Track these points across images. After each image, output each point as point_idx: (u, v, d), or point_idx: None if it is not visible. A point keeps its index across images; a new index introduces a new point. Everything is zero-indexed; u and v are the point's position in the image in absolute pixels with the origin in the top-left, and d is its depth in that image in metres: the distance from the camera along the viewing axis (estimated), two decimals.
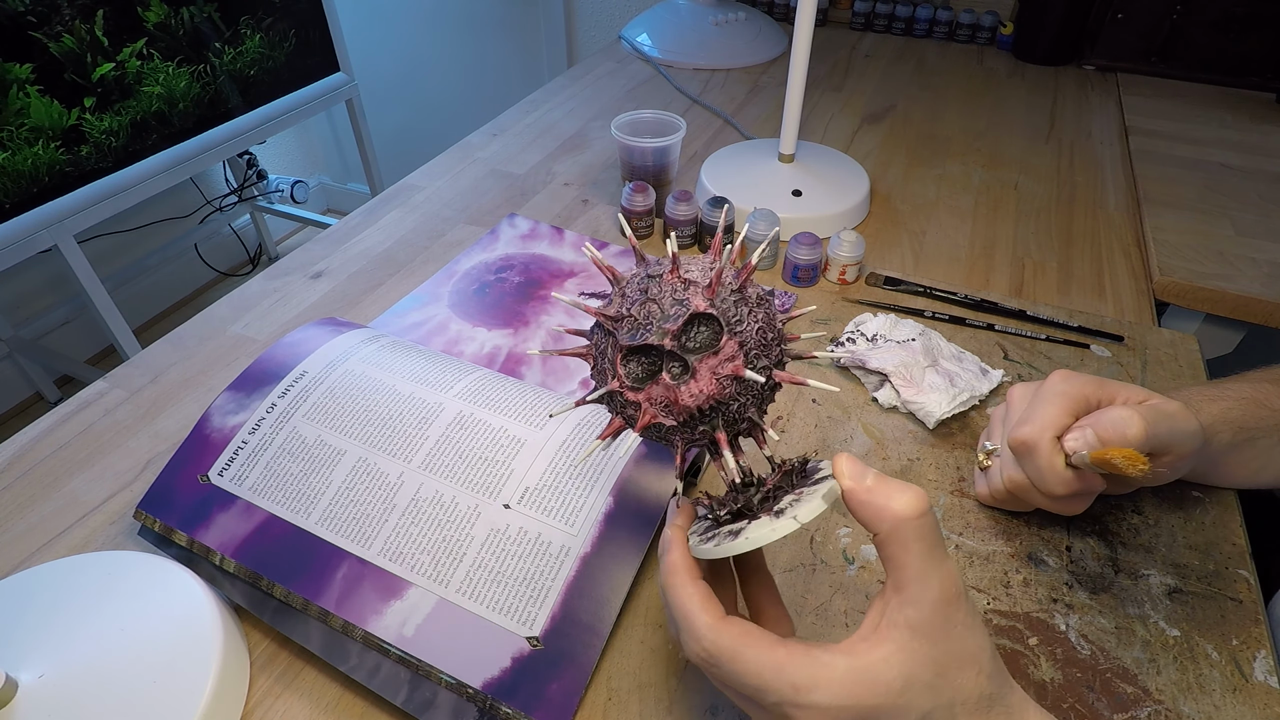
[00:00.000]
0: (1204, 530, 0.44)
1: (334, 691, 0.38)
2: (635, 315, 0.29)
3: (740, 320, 0.29)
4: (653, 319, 0.29)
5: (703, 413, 0.29)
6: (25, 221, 1.16)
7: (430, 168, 0.85)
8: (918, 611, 0.26)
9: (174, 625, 0.37)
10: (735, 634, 0.27)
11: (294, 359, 0.47)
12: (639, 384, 0.29)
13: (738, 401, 0.29)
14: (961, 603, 0.27)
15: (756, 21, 1.18)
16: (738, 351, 0.29)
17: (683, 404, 0.29)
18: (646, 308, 0.29)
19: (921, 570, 0.26)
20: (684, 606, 0.29)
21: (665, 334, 0.28)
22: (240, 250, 2.17)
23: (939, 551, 0.27)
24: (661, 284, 0.29)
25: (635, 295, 0.30)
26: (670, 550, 0.31)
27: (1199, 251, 0.68)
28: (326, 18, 1.56)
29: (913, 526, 0.26)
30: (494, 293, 0.64)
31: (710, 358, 0.28)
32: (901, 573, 0.27)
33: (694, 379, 0.29)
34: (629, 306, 0.30)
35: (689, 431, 0.30)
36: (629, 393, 0.29)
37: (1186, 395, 0.42)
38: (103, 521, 0.46)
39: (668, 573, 0.30)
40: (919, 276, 0.66)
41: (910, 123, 0.95)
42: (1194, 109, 0.97)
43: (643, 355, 0.29)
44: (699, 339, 0.29)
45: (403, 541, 0.39)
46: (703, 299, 0.28)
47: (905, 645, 0.26)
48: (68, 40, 1.14)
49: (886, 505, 0.27)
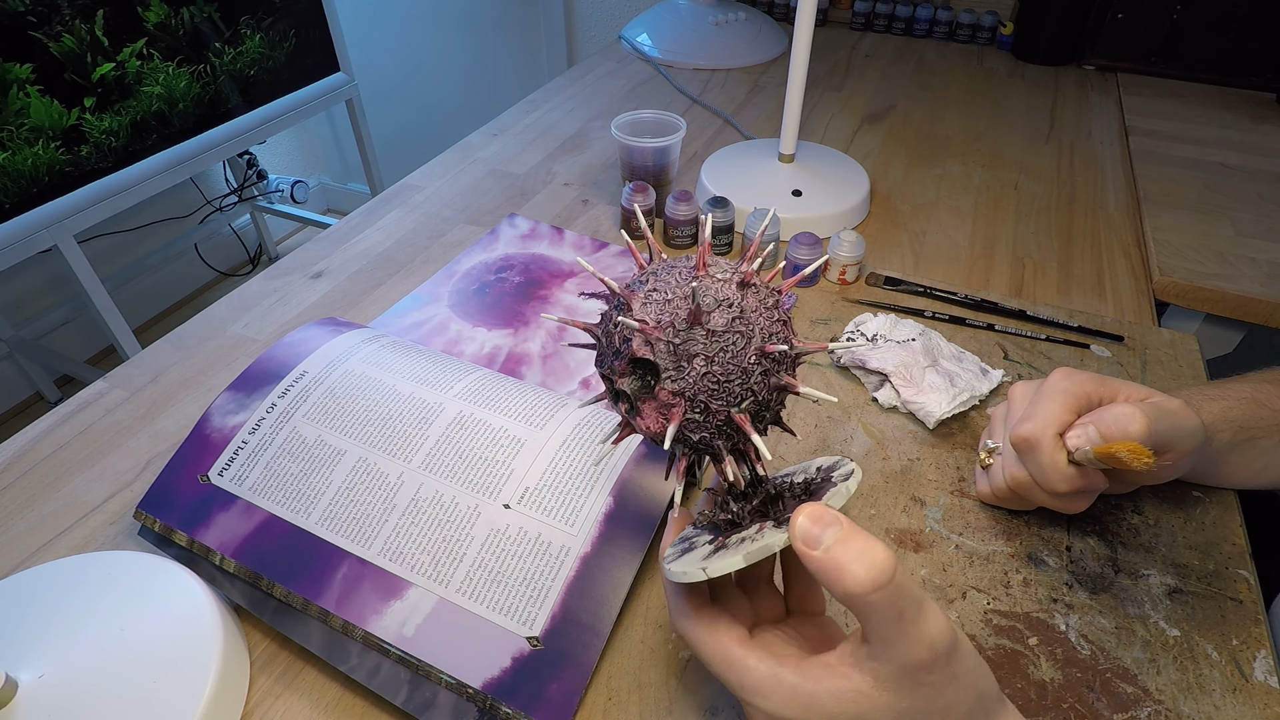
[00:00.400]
0: (1204, 530, 0.44)
1: (334, 691, 0.38)
2: (603, 342, 0.29)
3: (685, 364, 0.27)
4: (609, 352, 0.29)
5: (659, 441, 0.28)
6: (25, 221, 1.16)
7: (430, 168, 0.85)
8: (881, 667, 0.25)
9: (174, 625, 0.37)
10: (700, 629, 0.30)
11: (294, 359, 0.47)
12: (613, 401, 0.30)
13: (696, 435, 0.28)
14: (936, 665, 0.25)
15: (756, 21, 1.18)
16: (675, 399, 0.27)
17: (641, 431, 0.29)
18: (609, 339, 0.29)
19: (882, 636, 0.25)
20: (670, 594, 0.32)
21: (614, 371, 0.28)
22: (240, 250, 2.17)
23: (904, 619, 0.24)
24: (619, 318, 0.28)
25: (605, 323, 0.30)
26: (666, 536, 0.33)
27: (1199, 251, 0.68)
28: (326, 18, 1.56)
29: (865, 603, 0.24)
30: (494, 293, 0.64)
31: (652, 400, 0.28)
32: (864, 631, 0.26)
33: (640, 417, 0.28)
34: (602, 330, 0.30)
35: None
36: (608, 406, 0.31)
37: (1187, 395, 0.42)
38: (103, 521, 0.46)
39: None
40: (919, 276, 0.66)
41: (910, 123, 0.95)
42: (1194, 109, 0.97)
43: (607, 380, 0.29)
44: (641, 381, 0.28)
45: (403, 541, 0.39)
46: (640, 342, 0.27)
47: (864, 693, 0.26)
48: (68, 40, 1.14)
49: (839, 575, 0.24)
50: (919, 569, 0.42)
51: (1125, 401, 0.39)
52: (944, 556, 0.43)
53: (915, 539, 0.44)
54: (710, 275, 0.29)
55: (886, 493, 0.47)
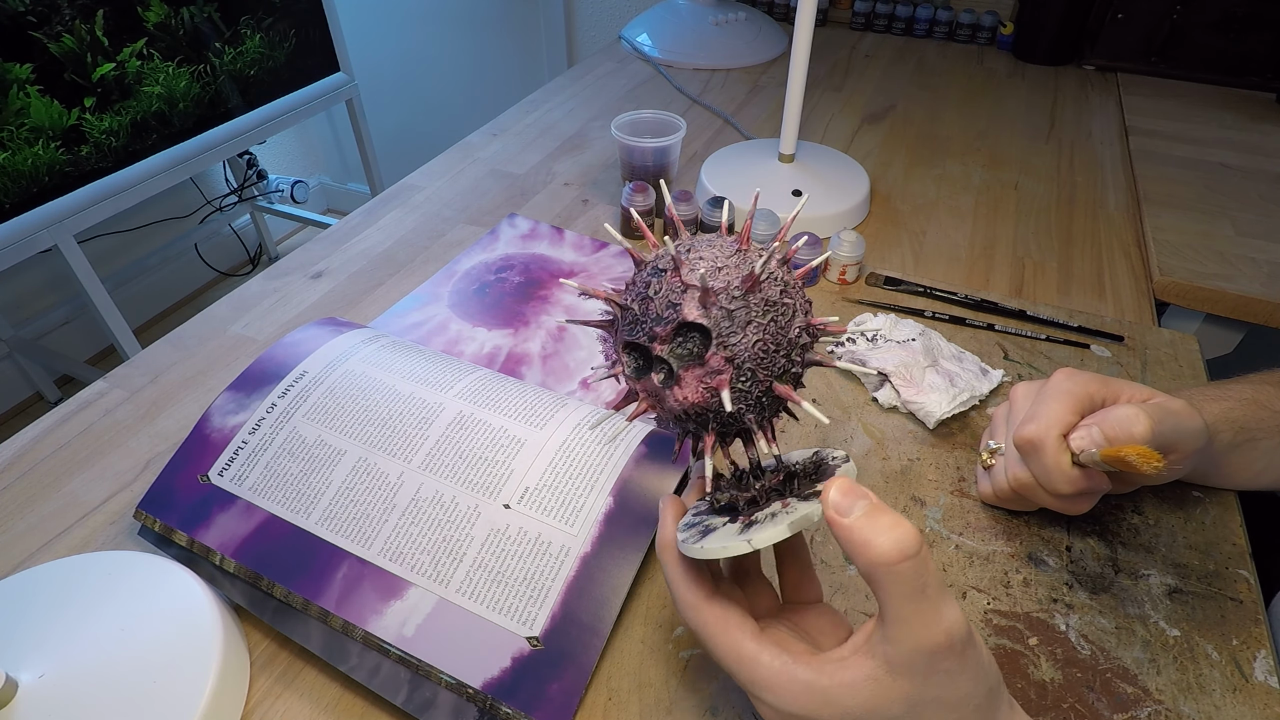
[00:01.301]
0: (1204, 530, 0.44)
1: (334, 691, 0.38)
2: (635, 310, 0.28)
3: (736, 331, 0.27)
4: (647, 318, 0.28)
5: (689, 416, 0.28)
6: (25, 221, 1.16)
7: (430, 168, 0.85)
8: (897, 651, 0.25)
9: (174, 625, 0.37)
10: (711, 619, 0.29)
11: (294, 359, 0.47)
12: (636, 375, 0.29)
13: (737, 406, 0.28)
14: (952, 652, 0.25)
15: (756, 21, 1.18)
16: (725, 366, 0.27)
17: (668, 406, 0.28)
18: (645, 304, 0.28)
19: (902, 614, 0.25)
20: (671, 581, 0.31)
21: (655, 338, 0.28)
22: (240, 250, 2.17)
23: (926, 597, 0.25)
24: (663, 282, 0.28)
25: (640, 288, 0.29)
26: (661, 527, 0.32)
27: (1199, 251, 0.68)
28: (326, 18, 1.56)
29: (890, 572, 0.24)
30: (494, 293, 0.64)
31: (696, 368, 0.27)
32: (883, 609, 0.26)
33: (679, 386, 0.28)
34: (633, 298, 0.29)
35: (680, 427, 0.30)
36: (628, 380, 0.29)
37: (1188, 395, 0.42)
38: (103, 521, 0.46)
39: (659, 547, 0.32)
40: (919, 276, 0.66)
41: (910, 123, 0.95)
42: (1194, 109, 0.97)
43: (637, 351, 0.29)
44: (687, 347, 0.28)
45: (403, 541, 0.39)
46: (695, 307, 0.27)
47: (878, 679, 0.26)
48: (68, 40, 1.14)
49: (866, 544, 0.25)
50: None
51: (1128, 402, 0.39)
52: (944, 556, 0.43)
53: None
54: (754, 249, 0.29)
55: (886, 493, 0.47)
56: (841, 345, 0.56)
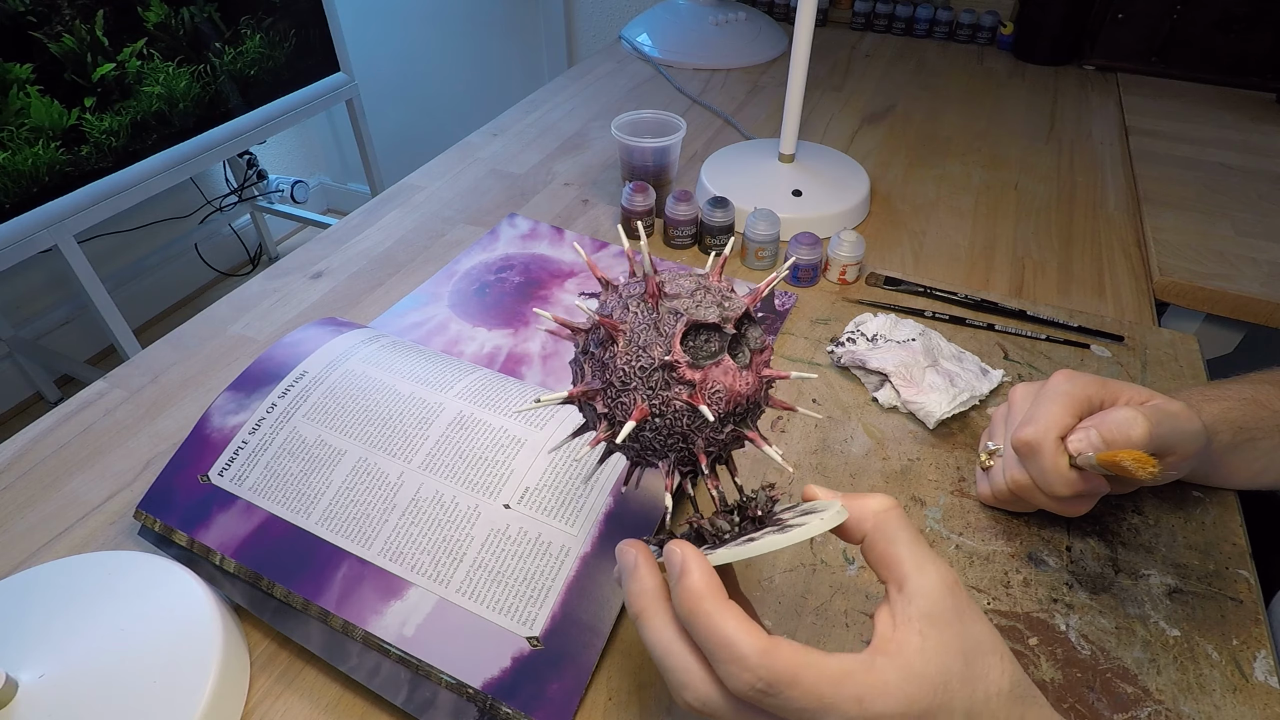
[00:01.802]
0: (1204, 530, 0.44)
1: (334, 691, 0.38)
2: (692, 295, 0.29)
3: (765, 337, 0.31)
4: (712, 305, 0.29)
5: (744, 407, 0.29)
6: (25, 221, 1.16)
7: (430, 168, 0.85)
8: (927, 601, 0.26)
9: (174, 625, 0.37)
10: (789, 655, 0.25)
11: (294, 359, 0.47)
12: (696, 364, 0.28)
13: (760, 409, 0.30)
14: (962, 590, 0.27)
15: (756, 21, 1.18)
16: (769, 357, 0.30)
17: (736, 391, 0.28)
18: (704, 295, 0.29)
19: (915, 559, 0.27)
20: (724, 634, 0.25)
21: (728, 320, 0.28)
22: (240, 250, 2.17)
23: (924, 541, 0.28)
24: (706, 282, 0.30)
25: (686, 285, 0.29)
26: (690, 572, 0.26)
27: (1199, 251, 0.68)
28: (326, 18, 1.56)
29: (893, 517, 0.28)
30: (494, 293, 0.64)
31: (759, 355, 0.30)
32: (898, 568, 0.27)
33: (750, 369, 0.29)
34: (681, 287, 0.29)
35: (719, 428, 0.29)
36: (687, 369, 0.28)
37: (1186, 396, 0.42)
38: (103, 521, 0.46)
39: (695, 598, 0.26)
40: (919, 276, 0.66)
41: (910, 123, 0.95)
42: (1194, 109, 0.97)
43: (702, 335, 0.28)
44: (751, 336, 0.30)
45: (403, 541, 0.39)
46: (748, 303, 0.30)
47: (929, 636, 0.25)
48: (68, 40, 1.14)
49: (864, 507, 0.28)
50: None
51: (1127, 404, 0.39)
52: (944, 556, 0.43)
53: None
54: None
55: (886, 492, 0.47)
56: (842, 345, 0.56)
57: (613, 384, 0.29)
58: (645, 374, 0.28)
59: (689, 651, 0.27)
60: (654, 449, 0.29)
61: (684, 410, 0.28)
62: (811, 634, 0.39)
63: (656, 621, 0.27)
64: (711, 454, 0.30)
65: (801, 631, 0.39)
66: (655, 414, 0.28)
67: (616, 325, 0.29)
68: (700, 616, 0.25)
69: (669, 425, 0.28)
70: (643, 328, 0.28)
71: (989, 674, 0.26)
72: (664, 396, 0.28)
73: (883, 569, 0.28)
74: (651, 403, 0.28)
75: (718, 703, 0.26)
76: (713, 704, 0.26)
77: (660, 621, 0.27)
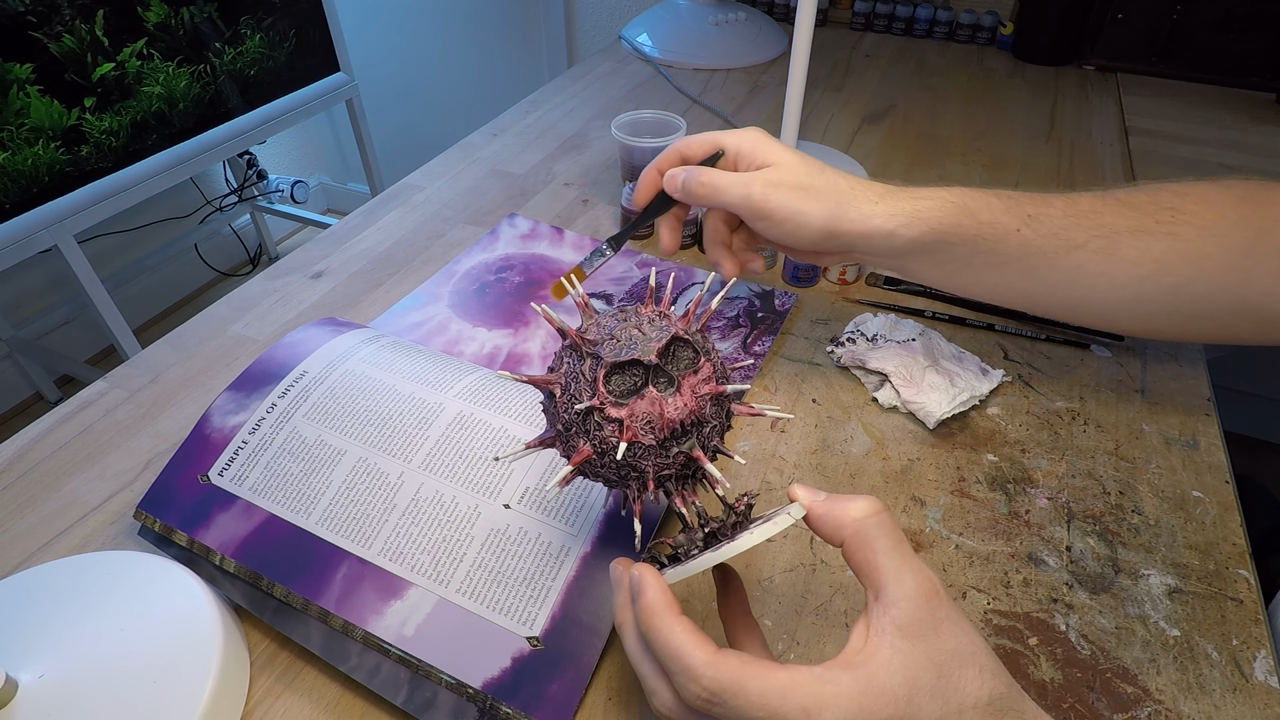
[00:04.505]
0: (1204, 530, 0.44)
1: (334, 691, 0.38)
2: (618, 337, 0.31)
3: (709, 350, 0.32)
4: (636, 340, 0.31)
5: (683, 428, 0.30)
6: (25, 221, 1.16)
7: (430, 168, 0.85)
8: (901, 610, 0.26)
9: (174, 625, 0.37)
10: (735, 666, 0.26)
11: (294, 359, 0.47)
12: (622, 400, 0.30)
13: (710, 424, 0.31)
14: (943, 599, 0.27)
15: (756, 21, 1.18)
16: (713, 374, 0.31)
17: (668, 417, 0.30)
18: (628, 332, 0.31)
19: (893, 567, 0.27)
20: (673, 646, 0.27)
21: (651, 352, 0.30)
22: (240, 250, 2.17)
23: (906, 549, 0.27)
24: (639, 314, 0.32)
25: (612, 324, 0.32)
26: (645, 591, 0.28)
27: None
28: (326, 18, 1.56)
29: (873, 524, 0.27)
30: (494, 293, 0.64)
31: (691, 376, 0.31)
32: (875, 575, 0.27)
33: (678, 393, 0.30)
34: (608, 332, 0.31)
35: (664, 454, 0.30)
36: (611, 409, 0.30)
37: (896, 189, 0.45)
38: (103, 521, 0.46)
39: (649, 614, 0.28)
40: None
41: (910, 123, 0.95)
42: (1194, 109, 0.97)
43: (626, 372, 0.30)
44: (681, 360, 0.31)
45: (403, 541, 0.39)
46: (679, 326, 0.31)
47: (899, 648, 0.25)
48: (68, 40, 1.14)
49: (845, 512, 0.28)
50: None
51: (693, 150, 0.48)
52: (944, 556, 0.43)
53: (915, 539, 0.44)
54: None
55: (886, 493, 0.47)
56: (841, 345, 0.56)
57: (561, 431, 0.32)
58: (580, 418, 0.31)
59: (653, 663, 0.28)
60: (613, 479, 0.32)
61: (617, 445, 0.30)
62: (811, 634, 0.39)
63: (631, 635, 0.30)
64: (666, 477, 0.31)
65: (802, 631, 0.39)
66: (598, 452, 0.31)
67: (551, 381, 0.32)
68: (653, 631, 0.27)
69: (614, 460, 0.30)
70: (573, 378, 0.31)
71: (965, 686, 0.25)
72: (599, 436, 0.30)
73: (862, 576, 0.28)
74: (592, 443, 0.31)
75: (679, 712, 0.28)
76: (676, 713, 0.28)
77: (634, 634, 0.29)
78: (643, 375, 0.30)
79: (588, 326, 0.32)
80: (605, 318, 0.32)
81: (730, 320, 0.60)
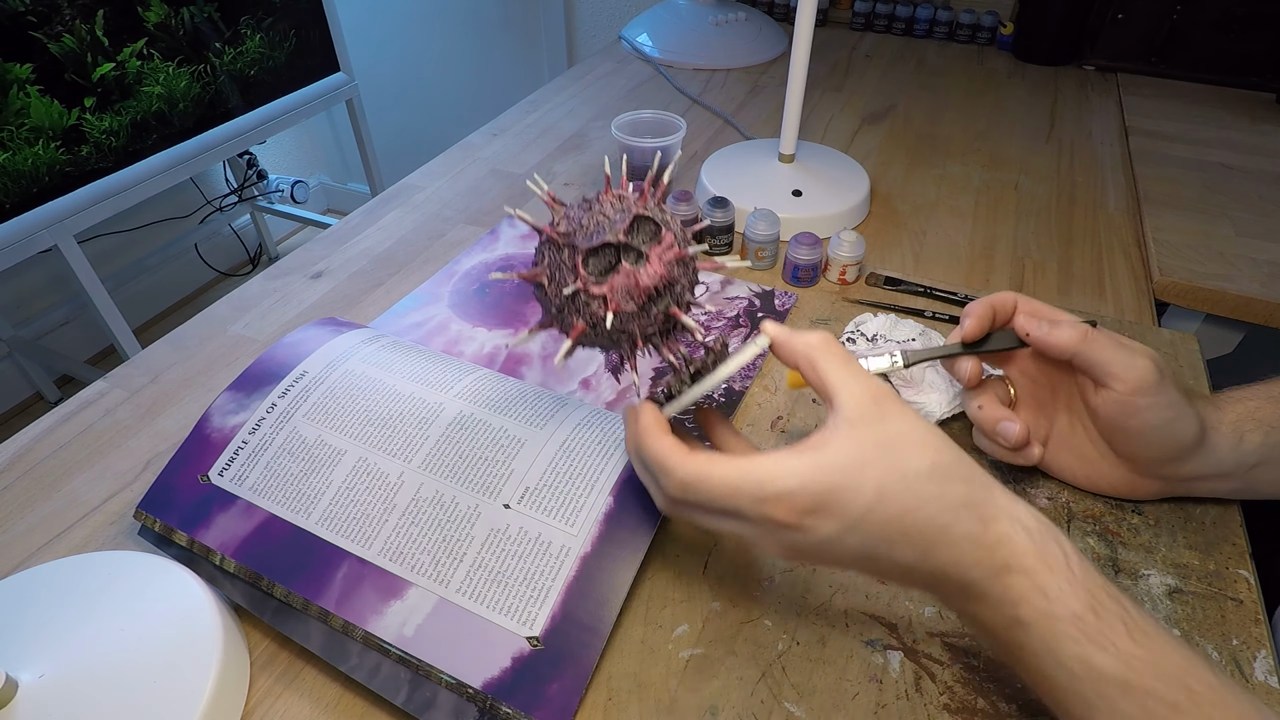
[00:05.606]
0: (1204, 530, 0.44)
1: (334, 691, 0.38)
2: (586, 226, 0.35)
3: (668, 221, 0.36)
4: (603, 226, 0.35)
5: (658, 292, 0.35)
6: (25, 221, 1.16)
7: (430, 168, 0.85)
8: (850, 409, 0.30)
9: (174, 625, 0.37)
10: (703, 459, 0.31)
11: (294, 359, 0.47)
12: (601, 278, 0.35)
13: (680, 283, 0.36)
14: (891, 399, 0.31)
15: (756, 21, 1.18)
16: (674, 241, 0.36)
17: (643, 285, 0.35)
18: (595, 219, 0.35)
19: (841, 378, 0.31)
20: (658, 453, 0.33)
21: (619, 233, 0.35)
22: (240, 250, 2.17)
23: (854, 364, 0.32)
24: (601, 202, 0.36)
25: (579, 214, 0.36)
26: (641, 416, 0.35)
27: (1199, 251, 0.68)
28: (326, 18, 1.56)
29: (823, 345, 0.33)
30: (494, 293, 0.64)
31: (656, 246, 0.35)
32: (828, 387, 0.32)
33: (648, 263, 0.35)
34: (577, 223, 0.36)
35: (646, 316, 0.35)
36: (594, 288, 0.35)
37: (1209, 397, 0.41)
38: (103, 521, 0.46)
39: (642, 434, 0.34)
40: (919, 276, 0.66)
41: (910, 123, 0.95)
42: (1194, 109, 0.97)
43: (600, 254, 0.35)
44: (644, 235, 0.36)
45: (403, 541, 0.39)
46: (639, 206, 0.36)
47: (848, 435, 0.30)
48: (68, 40, 1.14)
49: (802, 339, 0.34)
50: None
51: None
52: None
53: None
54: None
55: None
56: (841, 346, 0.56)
57: (555, 314, 0.37)
58: (570, 300, 0.35)
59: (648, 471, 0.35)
60: (608, 345, 0.37)
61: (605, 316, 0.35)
62: (812, 633, 0.39)
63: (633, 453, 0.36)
64: (651, 334, 0.37)
65: (802, 631, 0.39)
66: (590, 325, 0.36)
67: (538, 274, 0.36)
68: (644, 446, 0.34)
69: (605, 329, 0.35)
70: (556, 267, 0.36)
71: (908, 457, 0.29)
72: (589, 312, 0.35)
73: (819, 392, 0.33)
74: (583, 319, 0.36)
75: (669, 507, 0.34)
76: (668, 508, 0.35)
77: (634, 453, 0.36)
78: (615, 254, 0.35)
79: (559, 220, 0.36)
80: (573, 210, 0.36)
81: (730, 320, 0.60)
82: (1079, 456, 0.44)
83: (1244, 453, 0.40)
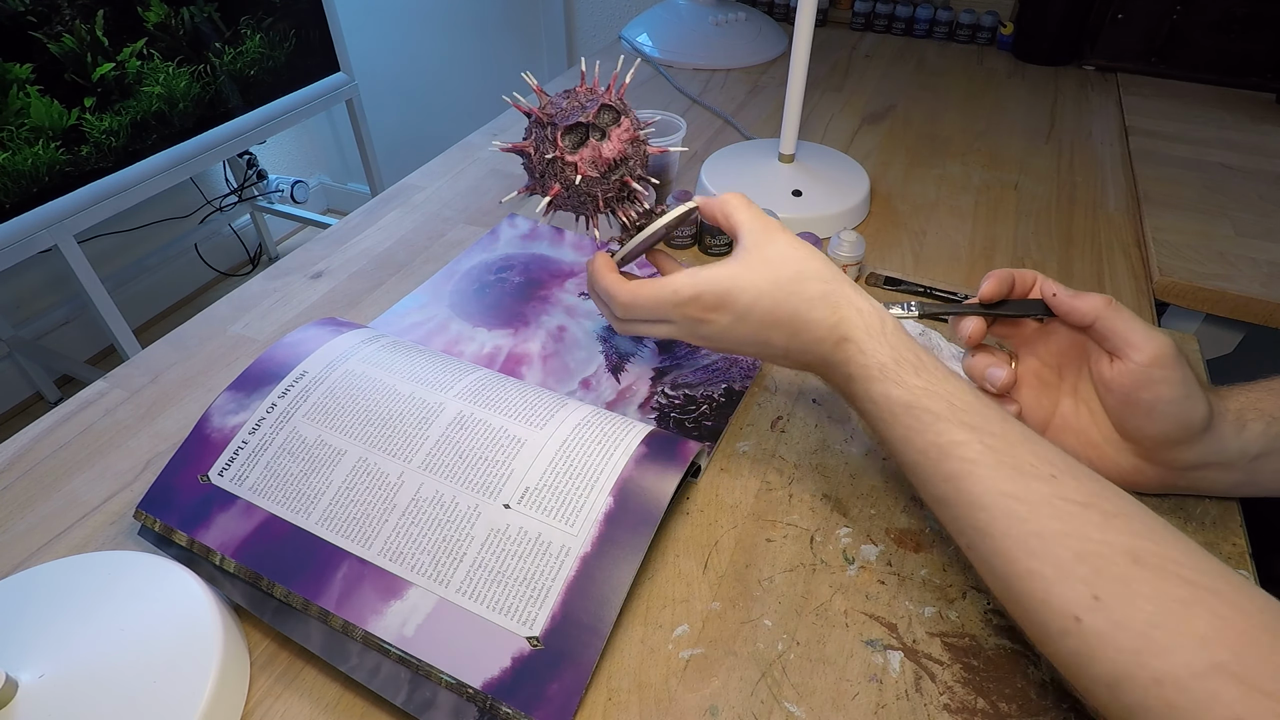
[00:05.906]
0: (1204, 530, 0.44)
1: (334, 691, 0.38)
2: (565, 109, 0.47)
3: (627, 111, 0.48)
4: (576, 110, 0.46)
5: (615, 164, 0.47)
6: (25, 221, 1.16)
7: (430, 168, 0.85)
8: (746, 237, 0.42)
9: (174, 625, 0.37)
10: (636, 284, 0.44)
11: (294, 359, 0.47)
12: (574, 150, 0.46)
13: (632, 159, 0.48)
14: (779, 230, 0.42)
15: (756, 21, 1.18)
16: (630, 126, 0.48)
17: (605, 156, 0.46)
18: (571, 104, 0.47)
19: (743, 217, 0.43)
20: (607, 285, 0.45)
21: (589, 115, 0.46)
22: (240, 250, 2.17)
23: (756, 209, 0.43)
24: (577, 93, 0.48)
25: (560, 101, 0.48)
26: (596, 261, 0.47)
27: (1199, 252, 0.68)
28: (326, 18, 1.56)
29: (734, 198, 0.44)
30: (494, 293, 0.64)
31: (616, 129, 0.47)
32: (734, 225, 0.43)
33: (609, 140, 0.46)
34: (558, 107, 0.47)
35: (606, 182, 0.47)
36: (568, 155, 0.46)
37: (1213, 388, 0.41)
38: (103, 521, 0.46)
39: (595, 274, 0.46)
40: (919, 276, 0.66)
41: (910, 123, 0.95)
42: (1194, 109, 0.97)
43: (574, 132, 0.46)
44: (607, 118, 0.47)
45: (403, 541, 0.39)
46: (605, 97, 0.47)
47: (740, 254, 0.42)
48: (68, 40, 1.14)
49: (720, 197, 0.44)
50: (919, 569, 0.42)
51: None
52: (944, 557, 0.43)
53: (915, 539, 0.44)
54: None
55: (886, 493, 0.47)
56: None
57: (538, 178, 0.49)
58: (549, 165, 0.47)
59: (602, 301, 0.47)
60: (579, 206, 0.49)
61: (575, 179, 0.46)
62: (812, 633, 0.39)
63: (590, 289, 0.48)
64: (610, 199, 0.48)
65: (802, 631, 0.39)
66: (564, 186, 0.47)
67: (527, 146, 0.48)
68: (596, 283, 0.46)
69: (575, 191, 0.47)
70: (540, 140, 0.47)
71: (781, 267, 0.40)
72: (563, 175, 0.46)
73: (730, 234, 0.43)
74: (559, 181, 0.47)
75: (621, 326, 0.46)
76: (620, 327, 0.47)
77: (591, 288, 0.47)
78: (585, 131, 0.46)
79: (545, 105, 0.48)
80: (557, 98, 0.48)
81: None
82: (1083, 441, 0.44)
83: (1246, 440, 0.40)
